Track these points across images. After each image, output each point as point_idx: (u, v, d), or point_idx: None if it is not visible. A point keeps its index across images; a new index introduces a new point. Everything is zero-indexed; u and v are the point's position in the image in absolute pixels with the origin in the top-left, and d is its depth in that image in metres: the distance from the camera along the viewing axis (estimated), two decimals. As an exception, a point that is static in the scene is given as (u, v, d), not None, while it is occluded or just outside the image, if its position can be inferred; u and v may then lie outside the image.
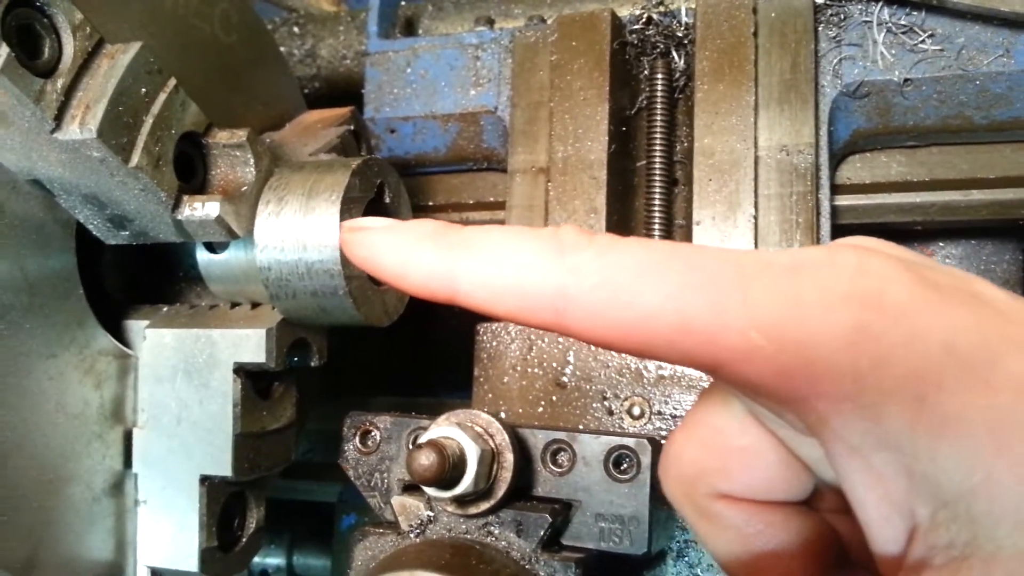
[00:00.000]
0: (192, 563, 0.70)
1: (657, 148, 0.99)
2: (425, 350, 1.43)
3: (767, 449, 0.40)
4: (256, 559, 1.29)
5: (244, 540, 0.75)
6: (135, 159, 0.59)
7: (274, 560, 1.27)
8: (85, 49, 0.58)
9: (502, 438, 0.53)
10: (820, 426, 0.33)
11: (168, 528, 0.71)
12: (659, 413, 0.88)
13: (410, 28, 1.26)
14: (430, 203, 1.16)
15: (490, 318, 0.38)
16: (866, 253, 0.34)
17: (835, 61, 0.94)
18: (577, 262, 0.35)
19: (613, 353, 0.91)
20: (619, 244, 0.37)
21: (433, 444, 0.48)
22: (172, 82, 0.63)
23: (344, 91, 1.25)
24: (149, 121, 0.60)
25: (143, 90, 0.60)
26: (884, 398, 0.31)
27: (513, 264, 0.36)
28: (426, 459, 0.47)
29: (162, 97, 0.62)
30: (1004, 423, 0.29)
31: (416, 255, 0.38)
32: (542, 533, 0.53)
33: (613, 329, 0.35)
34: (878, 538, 0.33)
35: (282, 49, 1.30)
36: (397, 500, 0.56)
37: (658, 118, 1.00)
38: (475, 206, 1.15)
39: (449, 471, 0.48)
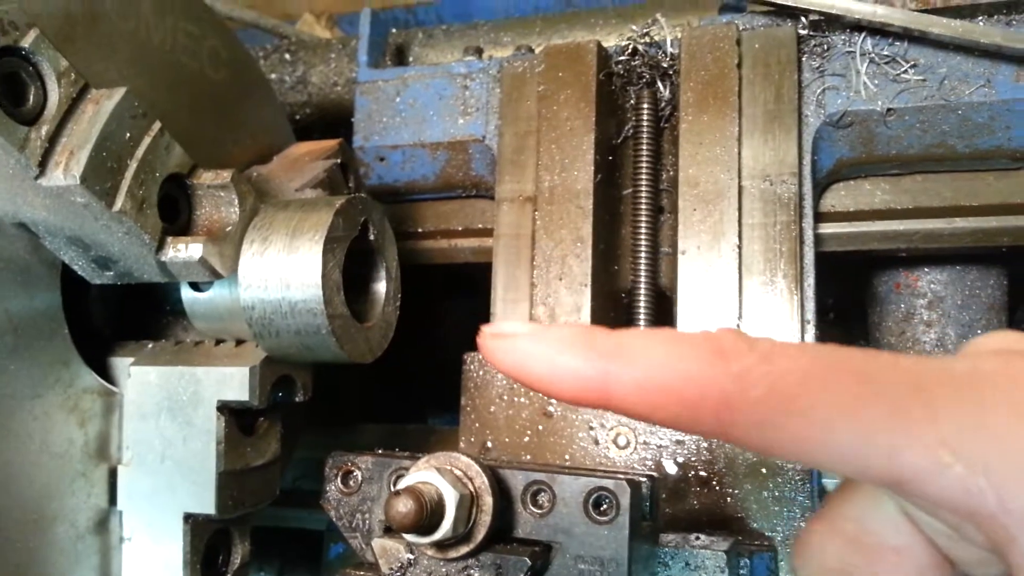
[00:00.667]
0: (177, 600, 0.70)
1: (643, 177, 1.00)
2: (415, 377, 1.44)
3: (919, 551, 0.39)
4: (247, 586, 1.30)
5: (229, 576, 0.75)
6: (119, 203, 0.60)
7: (265, 587, 1.27)
8: (70, 95, 0.59)
9: (481, 481, 0.53)
10: (1007, 543, 0.32)
11: (153, 565, 0.72)
12: (645, 443, 0.89)
13: (400, 56, 1.27)
14: (419, 230, 1.17)
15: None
16: None
17: (819, 91, 0.95)
18: (741, 369, 0.34)
19: (599, 383, 0.92)
20: (782, 350, 0.36)
21: (411, 491, 0.48)
22: (157, 125, 0.63)
23: (335, 117, 1.26)
24: (133, 165, 0.61)
25: (127, 135, 0.61)
26: None
27: (673, 371, 0.35)
28: (403, 506, 0.47)
29: (147, 141, 0.62)
30: None
31: (566, 363, 0.37)
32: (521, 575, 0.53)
33: (782, 441, 0.34)
34: None
35: (273, 76, 1.31)
36: (378, 543, 0.56)
37: (644, 147, 1.01)
38: (463, 233, 1.15)
39: (427, 517, 0.49)
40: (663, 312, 0.98)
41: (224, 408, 0.69)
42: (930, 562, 0.39)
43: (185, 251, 0.63)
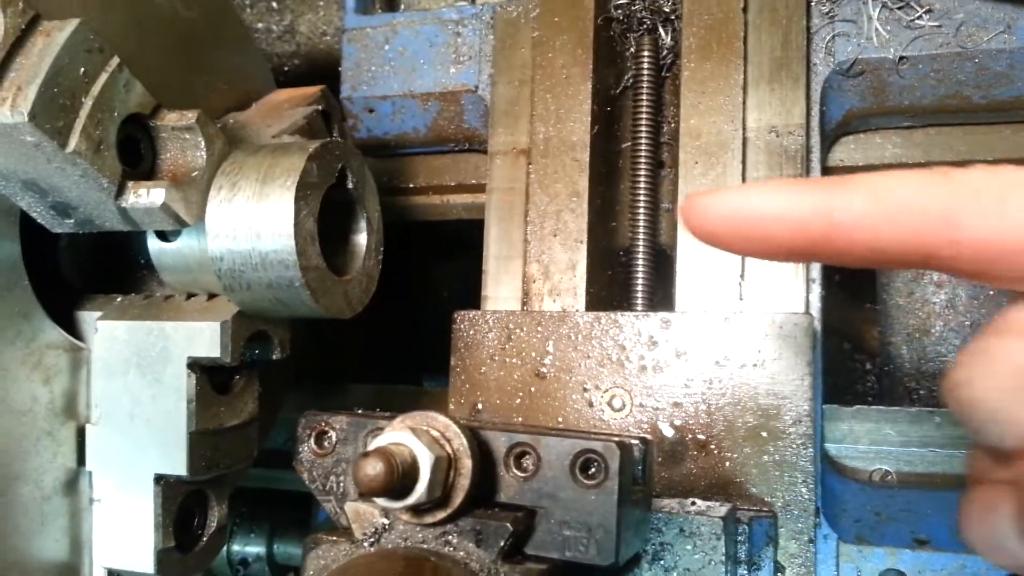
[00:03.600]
0: (148, 564, 0.68)
1: (643, 129, 0.95)
2: (408, 336, 1.40)
3: None
4: (236, 548, 1.27)
5: (204, 540, 0.72)
6: (73, 143, 0.56)
7: (254, 549, 1.24)
8: (17, 26, 0.54)
9: (460, 442, 0.50)
10: None
11: (123, 528, 0.69)
12: (641, 406, 0.85)
13: (392, 2, 1.21)
14: (411, 185, 1.12)
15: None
16: None
17: (828, 38, 0.89)
18: (968, 179, 0.37)
19: (594, 343, 0.88)
20: (1002, 167, 0.39)
21: (380, 452, 0.45)
22: (115, 61, 0.59)
23: (325, 68, 1.21)
24: (88, 103, 0.57)
25: (82, 70, 0.57)
26: None
27: (899, 186, 0.37)
28: (372, 469, 0.44)
29: (103, 77, 0.58)
30: None
31: (790, 198, 0.38)
32: (502, 543, 0.50)
33: (1014, 240, 0.36)
34: None
35: (260, 25, 1.26)
36: (351, 506, 0.53)
37: (644, 98, 0.96)
38: (457, 188, 1.11)
39: (399, 480, 0.45)
40: (662, 270, 0.94)
41: (195, 365, 0.66)
42: None
43: (147, 196, 0.59)
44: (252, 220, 0.60)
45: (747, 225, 0.39)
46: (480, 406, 0.91)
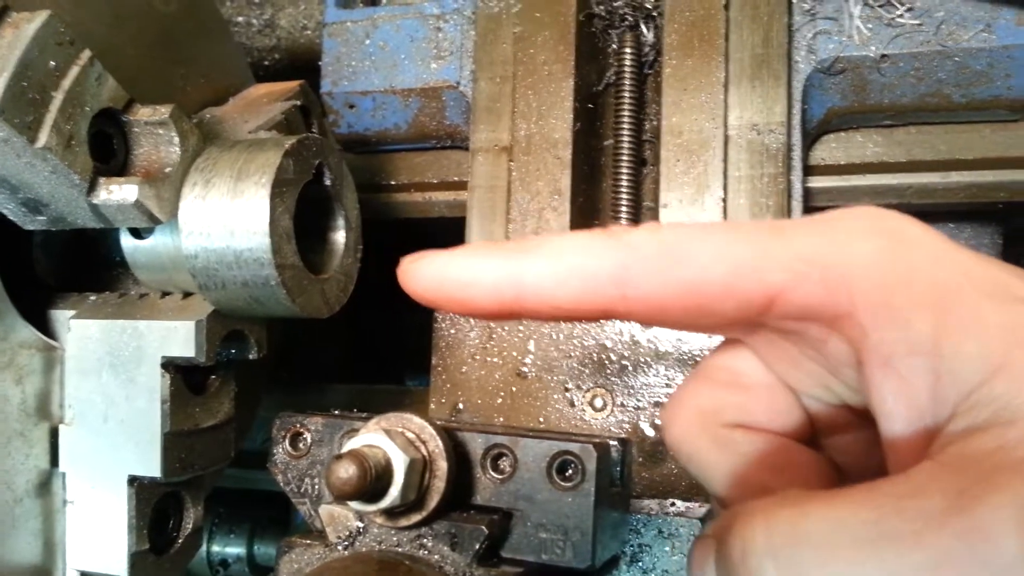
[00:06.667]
0: (122, 567, 0.66)
1: (625, 127, 0.95)
2: (390, 334, 1.39)
3: (778, 388, 0.45)
4: (216, 549, 1.26)
5: (179, 542, 0.71)
6: (43, 139, 0.55)
7: (234, 550, 1.23)
8: (-16, 18, 0.53)
9: (435, 444, 0.49)
10: (860, 340, 0.37)
11: (97, 530, 0.67)
12: (622, 405, 0.85)
13: (374, -4, 1.20)
14: (392, 182, 1.11)
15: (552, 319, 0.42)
16: (881, 209, 0.40)
17: (809, 36, 0.89)
18: (633, 239, 0.40)
19: (575, 342, 0.87)
20: (664, 224, 0.42)
21: (353, 455, 0.44)
22: (86, 54, 0.57)
23: (306, 63, 1.20)
24: (59, 97, 0.55)
25: (52, 63, 0.55)
26: (911, 307, 0.36)
27: (574, 250, 0.40)
28: (344, 472, 0.43)
29: (74, 71, 0.57)
30: (1018, 325, 0.35)
31: (482, 265, 0.40)
32: (478, 546, 0.49)
33: (674, 288, 0.39)
34: (901, 447, 0.37)
35: (240, 18, 1.25)
36: (325, 509, 0.52)
37: (626, 95, 0.95)
38: (438, 186, 1.10)
39: (372, 483, 0.44)
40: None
41: (169, 365, 0.64)
42: (784, 397, 0.45)
43: (119, 192, 0.57)
44: (226, 217, 0.59)
45: (449, 290, 0.41)
46: (461, 406, 0.91)
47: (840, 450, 0.47)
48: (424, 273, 0.42)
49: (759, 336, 0.43)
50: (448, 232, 1.07)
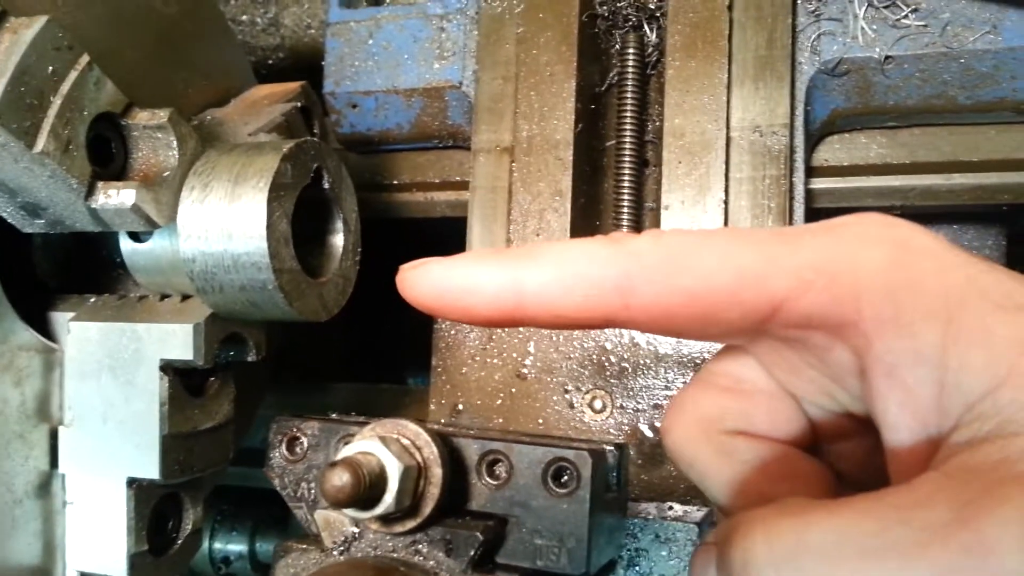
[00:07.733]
0: (121, 569, 0.67)
1: (627, 127, 0.95)
2: (391, 334, 1.39)
3: (780, 395, 0.45)
4: (218, 546, 1.27)
5: (179, 543, 0.72)
6: (41, 144, 0.55)
7: (236, 547, 1.24)
8: (-18, 23, 0.53)
9: (430, 451, 0.49)
10: (865, 349, 0.37)
11: (97, 532, 0.68)
12: (621, 407, 0.85)
13: (377, -5, 1.20)
14: (394, 182, 1.11)
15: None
16: (887, 216, 0.39)
17: (813, 37, 0.89)
18: (636, 247, 0.39)
19: (575, 344, 0.87)
20: (667, 230, 0.41)
21: (347, 463, 0.44)
22: (85, 59, 0.58)
23: (310, 63, 1.20)
24: (57, 102, 0.56)
25: (50, 68, 0.55)
26: (918, 317, 0.36)
27: (577, 257, 0.39)
28: (338, 479, 0.43)
29: (73, 76, 0.57)
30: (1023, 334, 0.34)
31: (483, 272, 0.40)
32: (472, 552, 0.49)
33: (678, 296, 0.38)
34: (904, 457, 0.37)
35: (244, 17, 1.25)
36: (321, 515, 0.52)
37: (629, 96, 0.95)
38: (440, 185, 1.10)
39: (366, 491, 0.44)
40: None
41: (167, 367, 0.65)
42: (786, 404, 0.45)
43: (117, 197, 0.58)
44: (224, 221, 0.60)
45: (449, 297, 0.41)
46: (461, 407, 0.91)
47: (841, 457, 0.47)
48: (423, 281, 0.42)
49: (761, 343, 0.43)
50: (449, 232, 1.07)
